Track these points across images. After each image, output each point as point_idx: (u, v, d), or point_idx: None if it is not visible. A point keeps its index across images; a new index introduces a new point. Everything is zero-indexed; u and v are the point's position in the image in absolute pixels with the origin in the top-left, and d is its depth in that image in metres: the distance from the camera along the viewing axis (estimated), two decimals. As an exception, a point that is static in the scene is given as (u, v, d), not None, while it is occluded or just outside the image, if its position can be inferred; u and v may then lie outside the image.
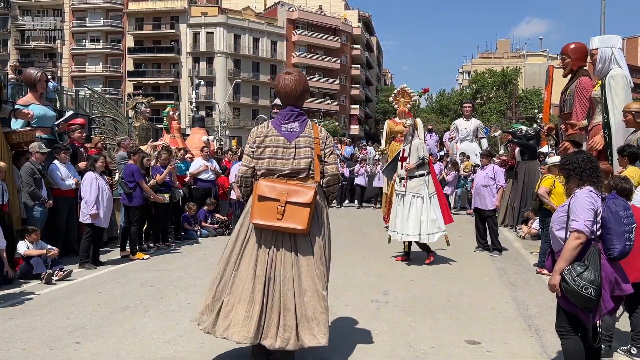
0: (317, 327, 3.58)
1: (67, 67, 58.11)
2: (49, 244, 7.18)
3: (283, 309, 3.59)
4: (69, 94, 16.48)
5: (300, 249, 3.68)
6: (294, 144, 3.73)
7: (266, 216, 3.62)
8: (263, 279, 3.62)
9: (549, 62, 54.20)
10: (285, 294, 3.60)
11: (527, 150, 11.61)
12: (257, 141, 3.78)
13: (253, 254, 3.68)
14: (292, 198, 3.62)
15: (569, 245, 3.25)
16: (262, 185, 3.68)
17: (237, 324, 3.60)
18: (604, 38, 6.99)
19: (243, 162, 3.88)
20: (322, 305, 3.60)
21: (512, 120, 33.05)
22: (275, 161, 3.72)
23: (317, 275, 3.65)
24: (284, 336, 3.56)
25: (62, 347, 4.28)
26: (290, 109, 3.84)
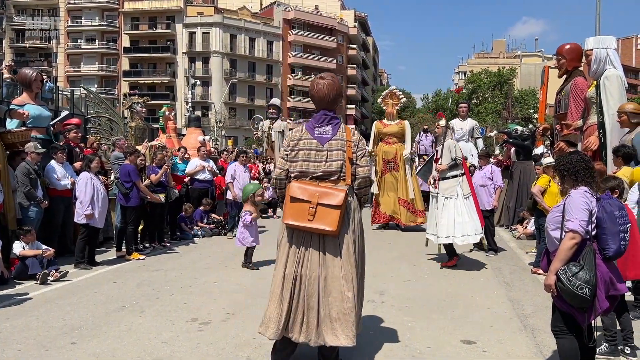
0: (340, 327, 3.65)
1: (63, 66, 57.90)
2: (45, 244, 7.16)
3: (307, 307, 3.71)
4: (65, 94, 16.43)
5: (328, 250, 3.77)
6: (326, 147, 3.80)
7: (298, 217, 3.73)
8: (292, 277, 3.74)
9: (545, 62, 54.42)
10: (310, 293, 3.71)
11: (523, 151, 11.65)
12: (291, 144, 3.87)
13: (284, 253, 3.82)
14: (323, 200, 3.71)
15: (564, 245, 3.27)
16: (294, 187, 3.79)
17: (270, 321, 3.73)
18: (599, 39, 7.03)
19: (278, 164, 3.98)
20: (346, 307, 3.67)
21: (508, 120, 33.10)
22: (308, 164, 3.81)
23: (343, 277, 3.72)
24: (306, 333, 3.70)
25: (57, 348, 4.28)
26: (323, 112, 3.90)
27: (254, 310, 5.30)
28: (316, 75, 4.08)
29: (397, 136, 11.27)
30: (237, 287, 6.31)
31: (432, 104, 63.96)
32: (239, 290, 6.12)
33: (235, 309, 5.34)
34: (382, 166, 11.24)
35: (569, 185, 3.44)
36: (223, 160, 13.06)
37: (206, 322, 4.93)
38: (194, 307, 5.41)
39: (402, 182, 11.12)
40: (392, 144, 11.25)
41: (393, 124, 11.35)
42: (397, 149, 11.21)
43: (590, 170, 3.39)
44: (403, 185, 11.10)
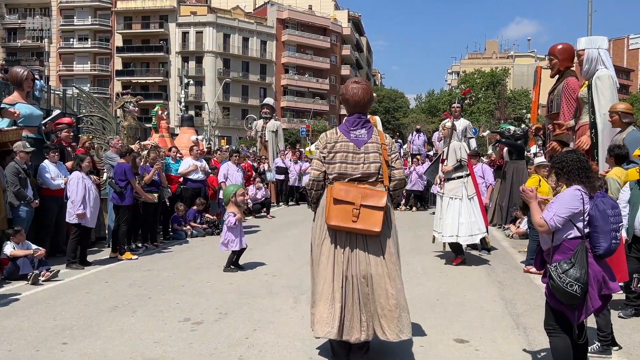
0: (386, 324, 3.77)
1: (55, 66, 57.55)
2: (38, 244, 7.11)
3: (363, 305, 3.79)
4: (57, 93, 16.31)
5: (371, 250, 3.84)
6: (363, 149, 3.88)
7: (342, 218, 3.78)
8: (341, 277, 3.80)
9: (537, 63, 54.68)
10: (363, 291, 3.79)
11: (515, 150, 11.69)
12: (327, 146, 3.92)
13: (331, 254, 3.85)
14: (366, 201, 3.78)
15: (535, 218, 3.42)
16: (338, 189, 3.84)
17: (321, 321, 3.77)
18: (591, 39, 7.08)
19: (314, 166, 4.02)
20: (391, 304, 3.78)
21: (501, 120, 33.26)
22: (346, 166, 3.87)
23: (387, 275, 3.83)
24: (367, 331, 3.78)
25: (48, 348, 4.24)
26: (357, 116, 3.98)
27: (246, 310, 5.30)
28: (349, 80, 4.17)
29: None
30: (229, 286, 6.29)
31: (426, 104, 64.13)
32: (231, 290, 6.10)
33: (227, 309, 5.32)
34: None
35: (563, 183, 3.48)
36: (216, 160, 13.01)
37: (199, 322, 4.91)
38: (187, 307, 5.39)
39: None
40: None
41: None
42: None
43: (585, 170, 3.41)
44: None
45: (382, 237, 3.87)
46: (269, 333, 4.62)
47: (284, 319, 5.03)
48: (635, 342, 4.49)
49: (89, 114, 11.09)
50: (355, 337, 3.75)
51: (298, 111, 60.04)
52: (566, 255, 3.32)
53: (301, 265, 7.46)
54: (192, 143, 12.03)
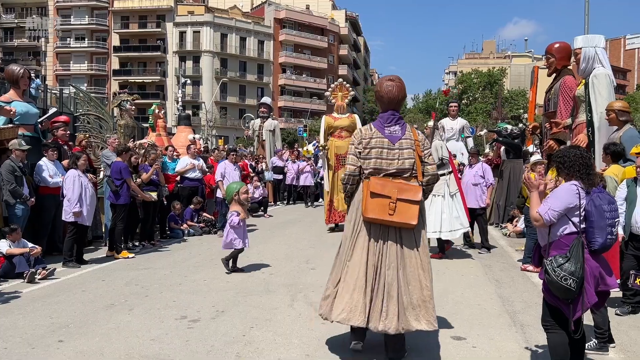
0: (422, 313, 3.89)
1: (52, 65, 57.41)
2: (35, 242, 7.09)
3: (387, 297, 3.86)
4: (54, 93, 16.28)
5: (405, 242, 3.96)
6: (397, 145, 4.00)
7: (379, 212, 3.88)
8: (373, 268, 3.90)
9: (534, 62, 54.76)
10: (390, 282, 3.87)
11: (512, 149, 11.70)
12: (363, 142, 4.04)
13: (364, 246, 3.95)
14: (402, 195, 3.91)
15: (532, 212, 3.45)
16: (375, 183, 3.94)
17: (356, 309, 3.85)
18: (588, 37, 7.07)
19: (350, 161, 4.11)
20: (425, 295, 3.91)
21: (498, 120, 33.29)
22: (381, 161, 3.99)
23: (420, 266, 3.95)
24: (385, 321, 3.82)
25: (44, 346, 4.23)
26: (391, 113, 4.11)
27: (243, 308, 5.29)
28: (383, 77, 4.28)
29: (348, 130, 10.74)
30: (226, 284, 6.28)
31: (423, 104, 64.19)
32: (228, 288, 6.09)
33: (224, 307, 5.31)
34: (335, 161, 10.65)
35: (562, 177, 3.47)
36: (213, 159, 12.99)
37: (195, 320, 4.90)
38: (183, 305, 5.37)
39: None
40: (344, 138, 10.66)
41: (343, 118, 10.96)
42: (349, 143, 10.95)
43: (586, 166, 3.41)
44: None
45: (415, 230, 3.99)
46: (266, 331, 4.61)
47: (281, 316, 5.02)
48: (632, 339, 4.50)
49: (86, 113, 11.06)
50: (374, 326, 3.84)
51: (295, 111, 59.99)
52: (562, 250, 3.32)
53: (298, 264, 7.46)
54: (189, 142, 12.01)
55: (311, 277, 6.69)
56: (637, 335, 4.62)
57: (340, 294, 3.96)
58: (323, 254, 8.22)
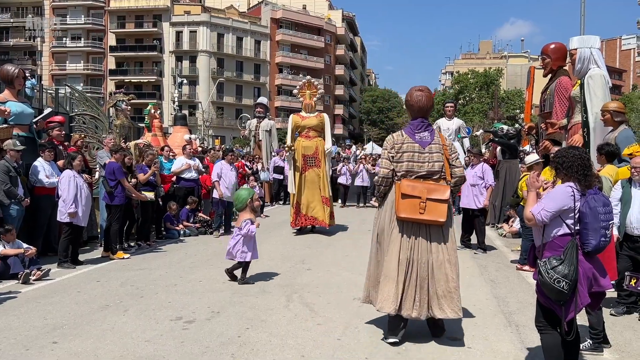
0: (446, 303, 4.26)
1: (48, 65, 57.21)
2: (30, 242, 7.06)
3: (419, 288, 4.28)
4: (49, 92, 16.23)
5: (433, 238, 4.36)
6: (427, 149, 4.40)
7: (410, 211, 4.28)
8: (405, 262, 4.30)
9: (531, 63, 54.89)
10: (421, 275, 4.29)
11: (508, 150, 11.72)
12: (395, 147, 4.43)
13: (397, 242, 4.35)
14: (431, 195, 4.30)
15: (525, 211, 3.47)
16: (405, 185, 4.32)
17: (388, 299, 4.26)
18: (583, 38, 7.08)
19: (383, 165, 4.49)
20: (451, 286, 4.29)
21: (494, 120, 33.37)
22: (413, 164, 4.37)
23: (447, 260, 4.33)
24: (418, 309, 4.25)
25: (38, 347, 4.21)
26: (421, 120, 4.51)
27: (239, 308, 5.28)
28: (412, 87, 4.60)
29: (316, 130, 10.47)
30: (222, 285, 6.26)
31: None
32: (224, 289, 6.08)
33: (220, 307, 5.30)
34: (302, 162, 10.33)
35: (560, 178, 3.47)
36: (208, 159, 12.97)
37: (191, 321, 4.89)
38: (179, 306, 5.36)
39: (324, 179, 10.39)
40: (311, 138, 10.41)
41: (311, 117, 10.57)
42: (317, 144, 10.37)
43: (585, 167, 3.40)
44: (325, 183, 10.37)
45: (444, 226, 4.38)
46: (262, 331, 4.60)
47: (277, 317, 5.01)
48: (627, 340, 4.52)
49: (81, 113, 11.03)
50: (407, 314, 4.24)
51: (292, 111, 59.73)
52: (556, 251, 3.33)
53: (294, 264, 7.45)
54: (185, 142, 11.98)
55: (307, 277, 6.68)
56: (631, 335, 4.64)
57: (380, 285, 4.38)
58: (319, 255, 8.22)
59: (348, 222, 12.31)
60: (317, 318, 4.99)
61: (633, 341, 4.49)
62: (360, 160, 16.48)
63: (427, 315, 4.31)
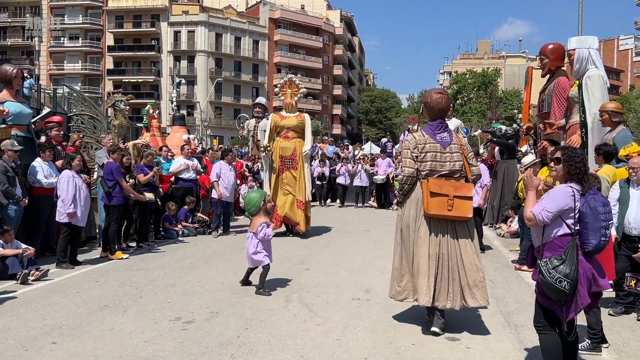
0: (478, 292, 4.57)
1: (45, 65, 57.13)
2: (28, 243, 7.05)
3: (451, 280, 4.53)
4: (47, 92, 16.19)
5: (459, 233, 4.63)
6: (448, 149, 4.63)
7: (439, 208, 4.49)
8: (435, 257, 4.53)
9: (529, 63, 54.93)
10: (452, 268, 4.55)
11: (507, 150, 11.72)
12: (418, 147, 4.63)
13: (427, 238, 4.57)
14: (458, 193, 4.54)
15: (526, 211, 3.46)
16: (433, 184, 4.52)
17: (421, 292, 4.50)
18: (582, 39, 7.10)
19: (407, 164, 4.67)
20: (480, 276, 4.60)
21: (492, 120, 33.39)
22: (436, 163, 4.60)
23: (474, 252, 4.63)
24: (452, 301, 4.51)
25: (37, 348, 4.21)
26: (440, 121, 4.74)
27: (238, 309, 5.28)
28: (431, 89, 4.90)
29: (296, 130, 10.10)
30: (221, 285, 6.26)
31: (418, 104, 64.31)
32: (223, 289, 6.08)
33: (219, 308, 5.30)
34: (279, 163, 9.99)
35: (562, 179, 3.47)
36: (207, 159, 12.96)
37: (190, 321, 4.89)
38: (178, 306, 5.36)
39: (301, 181, 9.98)
40: (290, 138, 10.03)
41: (292, 117, 10.21)
42: (295, 145, 10.00)
43: (585, 168, 3.42)
44: (302, 186, 9.96)
45: (468, 222, 4.65)
46: (261, 332, 4.60)
47: (276, 317, 5.02)
48: (625, 340, 4.53)
49: (80, 113, 11.01)
50: (443, 305, 4.51)
51: (291, 111, 59.94)
52: (556, 252, 3.33)
53: (293, 264, 7.45)
54: (183, 142, 11.97)
55: (305, 277, 6.69)
56: (629, 335, 4.65)
57: (411, 279, 4.64)
58: (317, 255, 8.23)
59: (346, 222, 12.33)
60: (316, 318, 4.99)
61: (631, 341, 4.51)
62: (359, 161, 16.51)
63: (462, 306, 4.54)
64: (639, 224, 5.03)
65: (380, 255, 8.26)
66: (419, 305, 4.66)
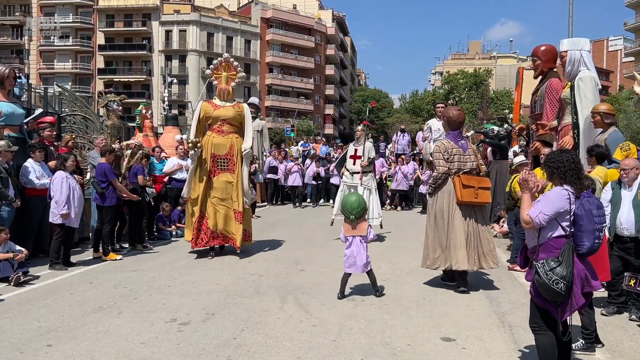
0: (490, 258, 6.16)
1: (35, 64, 56.66)
2: (21, 244, 6.98)
3: (474, 249, 6.05)
4: (38, 92, 16.06)
5: (478, 215, 6.19)
6: (467, 153, 6.19)
7: (469, 197, 6.01)
8: (466, 234, 6.03)
9: (519, 63, 55.24)
10: (475, 240, 6.07)
11: (499, 150, 11.79)
12: (447, 151, 6.12)
13: (461, 219, 6.04)
14: (481, 185, 6.16)
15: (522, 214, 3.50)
16: (465, 178, 6.04)
17: (463, 260, 5.93)
18: (574, 41, 7.15)
19: (441, 164, 6.11)
20: (491, 246, 6.20)
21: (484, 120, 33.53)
22: (461, 163, 6.12)
23: (487, 230, 6.28)
24: (475, 264, 6.05)
25: (33, 351, 4.19)
26: (459, 131, 6.37)
27: (234, 310, 5.28)
28: (450, 107, 6.75)
29: (232, 124, 8.23)
30: (216, 286, 6.26)
31: (409, 105, 64.48)
32: (218, 290, 6.07)
33: (215, 309, 5.30)
34: (210, 164, 8.08)
35: (556, 182, 3.51)
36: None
37: (186, 323, 4.88)
38: (173, 308, 5.35)
39: (238, 187, 8.12)
40: (225, 133, 8.16)
41: (227, 106, 8.25)
42: (232, 142, 8.16)
43: (577, 170, 3.45)
44: (238, 192, 8.10)
45: (485, 206, 6.31)
46: (257, 333, 4.61)
47: (272, 318, 5.02)
48: (618, 339, 4.58)
49: (72, 113, 10.94)
50: (471, 268, 6.01)
51: (283, 111, 59.90)
52: (551, 253, 3.37)
53: (288, 265, 7.45)
54: (176, 142, 11.93)
55: (301, 278, 6.70)
56: (622, 335, 4.70)
57: (451, 252, 5.96)
58: (312, 256, 8.23)
59: (341, 223, 12.33)
60: (312, 319, 5.01)
61: (624, 341, 4.56)
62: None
63: (478, 268, 6.13)
64: (630, 224, 5.09)
65: (374, 255, 8.26)
66: (453, 269, 5.98)
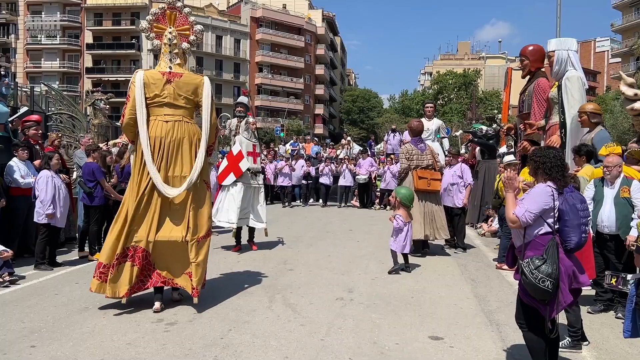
0: (442, 231, 8.33)
1: (22, 62, 56.03)
2: (6, 244, 6.88)
3: (430, 223, 8.21)
4: (24, 91, 15.89)
5: (432, 199, 8.35)
6: (424, 153, 8.38)
7: (423, 185, 8.21)
8: (423, 212, 8.17)
9: (508, 64, 55.59)
10: (430, 217, 8.23)
11: (487, 150, 11.84)
12: (409, 152, 8.39)
13: (418, 202, 8.08)
14: (432, 177, 8.29)
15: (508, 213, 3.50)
16: (420, 172, 8.23)
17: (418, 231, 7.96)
18: (561, 41, 7.19)
19: (404, 162, 8.40)
20: (443, 223, 8.31)
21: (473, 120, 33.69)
22: (418, 161, 8.31)
23: (440, 210, 8.39)
24: (430, 234, 8.20)
25: (16, 352, 4.13)
26: (419, 138, 8.60)
27: (221, 310, 5.24)
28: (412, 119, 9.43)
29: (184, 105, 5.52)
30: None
31: (399, 105, 64.63)
32: (205, 290, 6.01)
33: (202, 309, 5.25)
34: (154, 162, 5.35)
35: (540, 178, 3.51)
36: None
37: (172, 323, 4.84)
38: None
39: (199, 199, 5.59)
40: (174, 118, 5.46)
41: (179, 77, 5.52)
42: (187, 131, 5.51)
43: (562, 167, 3.46)
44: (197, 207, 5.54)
45: (437, 193, 8.42)
46: (244, 333, 4.58)
47: (260, 318, 4.99)
48: (604, 337, 4.61)
49: (59, 112, 10.82)
50: (432, 238, 8.31)
51: (272, 110, 59.78)
52: (538, 251, 3.37)
53: (276, 265, 7.42)
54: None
55: (289, 278, 6.67)
56: (609, 332, 4.73)
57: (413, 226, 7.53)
58: (301, 255, 8.21)
59: (329, 222, 12.33)
60: (300, 319, 4.98)
61: (610, 338, 4.59)
62: (343, 161, 16.52)
63: (433, 238, 8.32)
64: (611, 222, 5.13)
65: (363, 254, 8.29)
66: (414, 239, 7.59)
